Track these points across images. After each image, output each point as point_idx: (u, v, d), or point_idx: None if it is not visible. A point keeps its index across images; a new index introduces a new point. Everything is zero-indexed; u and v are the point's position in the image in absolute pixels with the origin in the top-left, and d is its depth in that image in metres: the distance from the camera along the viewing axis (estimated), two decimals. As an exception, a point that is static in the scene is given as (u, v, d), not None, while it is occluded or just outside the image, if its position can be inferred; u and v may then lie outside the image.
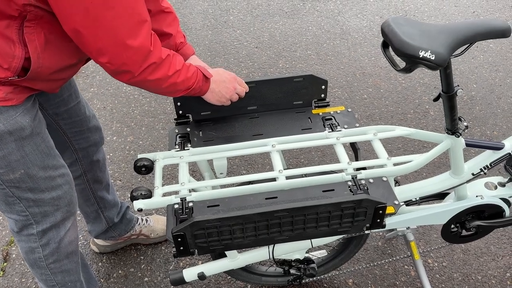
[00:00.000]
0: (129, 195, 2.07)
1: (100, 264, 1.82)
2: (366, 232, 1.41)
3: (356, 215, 1.08)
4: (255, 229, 1.07)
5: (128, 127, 2.48)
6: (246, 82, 1.35)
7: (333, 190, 1.15)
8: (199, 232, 1.05)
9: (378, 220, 1.11)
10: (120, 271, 1.79)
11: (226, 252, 1.31)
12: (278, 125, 1.36)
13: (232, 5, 3.66)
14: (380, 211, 1.09)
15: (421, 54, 0.97)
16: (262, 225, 1.06)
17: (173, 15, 1.36)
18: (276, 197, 1.14)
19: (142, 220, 1.83)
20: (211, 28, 3.37)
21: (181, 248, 1.07)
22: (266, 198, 1.14)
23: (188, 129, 1.35)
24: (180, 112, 1.37)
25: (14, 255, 1.84)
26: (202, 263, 1.34)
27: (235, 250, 1.31)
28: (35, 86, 1.09)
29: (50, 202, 1.24)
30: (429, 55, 0.96)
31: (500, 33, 1.02)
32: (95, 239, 1.82)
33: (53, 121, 1.36)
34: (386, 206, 1.08)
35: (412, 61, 0.99)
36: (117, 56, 0.98)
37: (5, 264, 1.82)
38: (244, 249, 1.42)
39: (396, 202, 1.14)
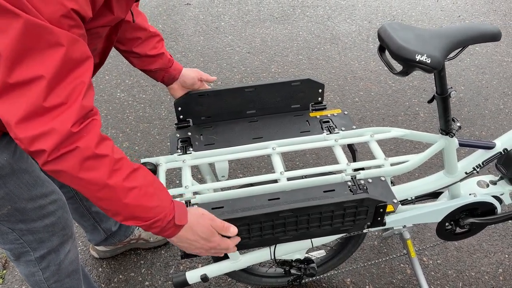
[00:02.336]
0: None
1: (100, 269, 1.83)
2: (365, 231, 1.45)
3: (358, 213, 1.12)
4: (260, 229, 1.10)
5: (123, 133, 2.49)
6: (245, 87, 1.38)
7: (333, 190, 1.19)
8: None
9: (379, 218, 1.14)
10: (120, 276, 1.80)
11: (229, 254, 1.33)
12: (277, 128, 1.39)
13: (223, 11, 3.70)
14: (381, 210, 1.13)
15: (418, 57, 1.01)
16: (268, 225, 1.09)
17: (159, 36, 1.35)
18: (278, 198, 1.17)
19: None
20: (203, 34, 3.40)
21: None
22: (269, 199, 1.17)
23: (189, 134, 1.38)
24: (181, 116, 1.40)
25: (7, 256, 1.84)
26: (202, 265, 1.36)
27: (237, 252, 1.33)
28: (5, 129, 1.02)
29: (44, 230, 1.21)
30: (425, 59, 1.01)
31: (491, 37, 1.07)
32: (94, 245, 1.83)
33: None
34: (387, 204, 1.12)
35: (409, 65, 1.04)
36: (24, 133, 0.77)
37: (4, 271, 1.81)
38: (245, 251, 1.45)
39: (395, 201, 1.18)
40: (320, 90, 1.43)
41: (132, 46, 1.29)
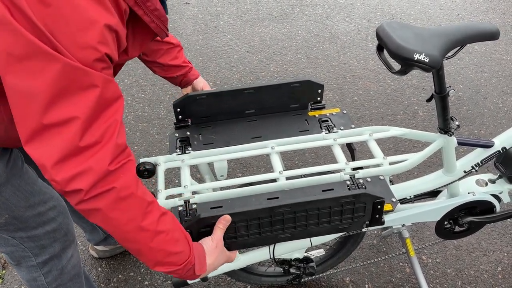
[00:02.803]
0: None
1: (99, 269, 1.83)
2: (364, 230, 1.45)
3: (356, 210, 1.12)
4: (259, 226, 1.10)
5: (122, 132, 2.49)
6: (245, 89, 1.38)
7: (332, 189, 1.19)
8: (205, 230, 1.08)
9: (377, 216, 1.14)
10: (120, 276, 1.80)
11: (228, 253, 1.33)
12: (276, 128, 1.39)
13: (221, 10, 3.69)
14: (379, 206, 1.13)
15: (416, 56, 1.01)
16: (266, 221, 1.10)
17: (179, 46, 1.42)
18: (277, 197, 1.17)
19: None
20: (202, 33, 3.40)
21: None
22: (268, 199, 1.17)
23: (188, 133, 1.38)
24: (180, 117, 1.39)
25: (8, 262, 1.84)
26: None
27: (237, 251, 1.33)
28: (4, 146, 1.04)
29: (46, 236, 1.20)
30: (424, 58, 1.01)
31: (489, 36, 1.07)
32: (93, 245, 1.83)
33: None
34: (384, 201, 1.12)
35: (407, 64, 1.04)
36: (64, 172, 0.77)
37: (3, 271, 1.81)
38: (245, 250, 1.45)
39: (394, 200, 1.18)
40: (319, 91, 1.43)
41: (156, 57, 1.37)
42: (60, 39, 0.71)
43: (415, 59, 1.00)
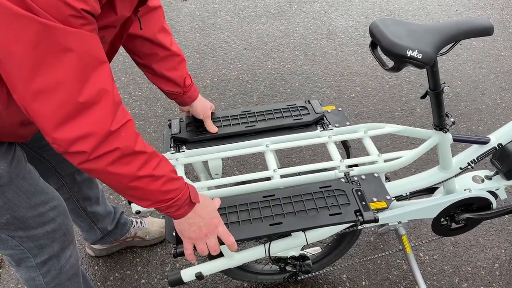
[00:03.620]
0: (122, 198, 2.08)
1: (96, 267, 1.83)
2: (360, 227, 1.44)
3: (339, 198, 1.16)
4: (248, 214, 1.14)
5: (119, 131, 2.48)
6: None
7: (330, 186, 1.19)
8: None
9: (364, 203, 1.14)
10: (116, 274, 1.80)
11: (223, 251, 1.33)
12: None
13: (219, 7, 3.68)
14: (359, 193, 1.15)
15: (409, 53, 1.00)
16: (255, 209, 1.15)
17: (180, 58, 1.29)
18: (273, 195, 1.17)
19: (137, 222, 1.84)
20: (199, 30, 3.39)
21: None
22: (264, 196, 1.17)
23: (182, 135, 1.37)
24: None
25: (8, 262, 1.84)
26: (199, 263, 1.36)
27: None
28: (2, 139, 1.03)
29: (45, 236, 1.20)
30: (416, 54, 1.00)
31: (483, 32, 1.06)
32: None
33: (35, 153, 1.32)
34: (361, 188, 1.17)
35: (400, 60, 1.03)
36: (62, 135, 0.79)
37: (0, 270, 1.81)
38: (240, 248, 1.45)
39: (388, 197, 1.18)
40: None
41: (151, 61, 1.25)
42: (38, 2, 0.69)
43: (408, 55, 1.00)
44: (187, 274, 1.38)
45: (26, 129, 1.04)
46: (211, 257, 1.42)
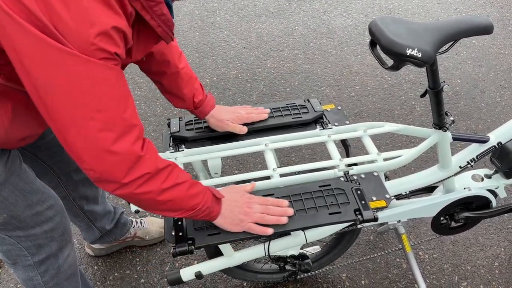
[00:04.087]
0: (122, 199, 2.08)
1: (95, 267, 1.82)
2: (359, 226, 1.44)
3: (339, 197, 1.15)
4: None
5: (119, 130, 2.48)
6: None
7: (329, 185, 1.19)
8: (198, 227, 1.09)
9: (363, 202, 1.14)
10: (116, 274, 1.80)
11: (222, 250, 1.33)
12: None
13: (218, 6, 3.68)
14: (359, 192, 1.15)
15: (408, 52, 1.00)
16: None
17: (188, 75, 1.30)
18: (273, 194, 1.17)
19: (137, 222, 1.84)
20: (198, 29, 3.39)
21: (180, 234, 1.11)
22: (263, 195, 1.17)
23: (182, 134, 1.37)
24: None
25: (4, 262, 1.84)
26: (198, 263, 1.36)
27: (231, 248, 1.33)
28: (4, 147, 1.05)
29: (43, 235, 1.20)
30: (416, 53, 1.00)
31: (483, 30, 1.05)
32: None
33: (31, 154, 1.32)
34: (361, 188, 1.17)
35: (400, 59, 1.03)
36: (99, 162, 0.85)
37: (0, 270, 1.81)
38: (240, 247, 1.44)
39: (387, 196, 1.17)
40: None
41: (161, 78, 1.29)
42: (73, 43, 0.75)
43: (408, 54, 0.99)
44: (187, 274, 1.38)
45: (24, 141, 1.06)
46: (210, 256, 1.42)
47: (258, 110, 1.40)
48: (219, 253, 1.39)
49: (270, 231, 1.09)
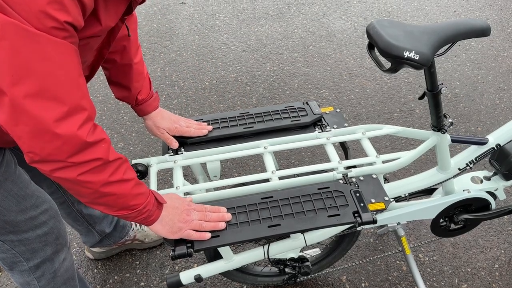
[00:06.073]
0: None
1: (95, 270, 1.82)
2: (359, 229, 1.44)
3: (337, 200, 1.15)
4: (247, 216, 1.13)
5: (118, 133, 2.49)
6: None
7: (328, 187, 1.19)
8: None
9: (362, 204, 1.14)
10: (115, 277, 1.80)
11: (222, 253, 1.33)
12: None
13: (218, 10, 3.69)
14: (357, 194, 1.15)
15: (406, 54, 1.00)
16: (253, 210, 1.14)
17: (139, 71, 1.27)
18: (272, 197, 1.17)
19: (136, 225, 1.84)
20: (198, 33, 3.39)
21: (180, 239, 1.10)
22: (262, 198, 1.17)
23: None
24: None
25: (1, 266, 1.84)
26: (197, 266, 1.36)
27: (231, 251, 1.33)
28: None
29: (37, 240, 1.20)
30: (414, 55, 1.00)
31: (480, 32, 1.06)
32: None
33: None
34: (359, 190, 1.17)
35: (397, 62, 1.03)
36: (39, 145, 0.80)
37: (0, 273, 1.82)
38: (240, 250, 1.44)
39: (386, 198, 1.18)
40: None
41: (111, 66, 1.23)
42: (16, 8, 0.69)
43: (405, 56, 1.00)
44: (186, 277, 1.38)
45: (13, 143, 1.04)
46: (210, 259, 1.42)
47: (200, 125, 1.36)
48: (218, 256, 1.39)
49: (207, 235, 1.08)
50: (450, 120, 1.29)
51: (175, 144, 1.32)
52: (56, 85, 0.77)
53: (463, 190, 1.46)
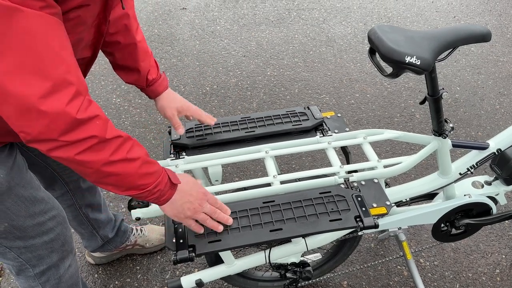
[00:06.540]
0: (122, 206, 2.08)
1: (96, 275, 1.82)
2: (360, 233, 1.44)
3: (339, 204, 1.15)
4: (248, 220, 1.13)
5: (119, 138, 2.49)
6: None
7: (329, 192, 1.19)
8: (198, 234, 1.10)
9: (363, 209, 1.14)
10: (116, 282, 1.79)
11: (223, 258, 1.33)
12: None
13: (218, 15, 3.70)
14: (359, 199, 1.15)
15: (407, 59, 1.01)
16: (255, 215, 1.14)
17: (144, 49, 1.24)
18: (273, 201, 1.17)
19: (137, 230, 1.84)
20: (199, 38, 3.41)
21: (181, 241, 1.10)
22: (264, 202, 1.17)
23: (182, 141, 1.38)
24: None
25: (8, 270, 1.83)
26: (198, 270, 1.35)
27: (232, 256, 1.33)
28: (1, 139, 1.00)
29: (43, 246, 1.19)
30: (415, 61, 1.01)
31: (480, 38, 1.06)
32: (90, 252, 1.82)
33: (40, 160, 1.31)
34: (361, 195, 1.17)
35: (399, 67, 1.03)
36: (27, 123, 0.76)
37: (0, 279, 1.81)
38: (241, 255, 1.44)
39: (388, 203, 1.18)
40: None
41: (115, 50, 1.20)
42: None
43: (407, 62, 1.00)
44: (187, 281, 1.37)
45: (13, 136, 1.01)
46: (211, 264, 1.42)
47: (208, 115, 1.37)
48: (219, 261, 1.39)
49: (202, 229, 1.08)
50: (451, 125, 1.29)
51: (181, 130, 1.31)
52: (36, 59, 0.73)
53: (464, 195, 1.47)
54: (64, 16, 0.81)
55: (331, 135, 1.36)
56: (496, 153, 1.39)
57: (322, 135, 1.37)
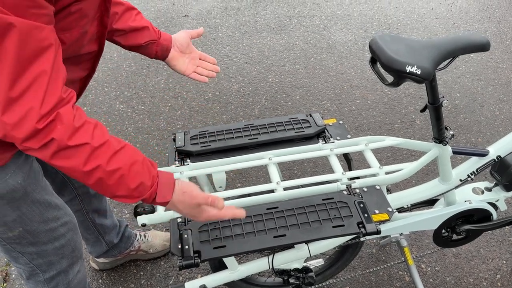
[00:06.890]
0: (126, 212, 2.10)
1: (100, 281, 1.83)
2: (362, 239, 1.46)
3: (342, 210, 1.17)
4: (252, 226, 1.15)
5: (122, 144, 2.51)
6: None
7: (332, 198, 1.21)
8: (204, 230, 1.13)
9: (366, 215, 1.16)
10: (120, 287, 1.81)
11: (227, 263, 1.34)
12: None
13: (220, 22, 3.73)
14: (361, 205, 1.17)
15: (408, 69, 1.03)
16: (259, 221, 1.16)
17: (133, 8, 1.24)
18: (277, 207, 1.19)
19: (140, 236, 1.85)
20: (201, 45, 3.44)
21: (186, 247, 1.12)
22: (268, 208, 1.19)
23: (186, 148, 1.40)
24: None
25: (13, 275, 1.85)
26: (202, 276, 1.37)
27: (236, 262, 1.34)
28: None
29: (54, 252, 1.21)
30: (415, 70, 1.03)
31: (480, 47, 1.09)
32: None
33: (51, 166, 1.32)
34: (363, 201, 1.19)
35: (400, 76, 1.06)
36: None
37: (5, 284, 1.82)
38: (244, 260, 1.46)
39: (390, 209, 1.20)
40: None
41: (112, 23, 1.19)
42: None
43: (407, 71, 1.03)
44: (191, 287, 1.39)
45: None
46: (215, 269, 1.43)
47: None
48: (223, 266, 1.41)
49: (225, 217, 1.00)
50: (451, 132, 1.31)
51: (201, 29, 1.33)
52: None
53: (465, 201, 1.48)
54: (66, 10, 0.82)
55: (333, 142, 1.38)
56: (496, 159, 1.41)
57: (324, 142, 1.39)
